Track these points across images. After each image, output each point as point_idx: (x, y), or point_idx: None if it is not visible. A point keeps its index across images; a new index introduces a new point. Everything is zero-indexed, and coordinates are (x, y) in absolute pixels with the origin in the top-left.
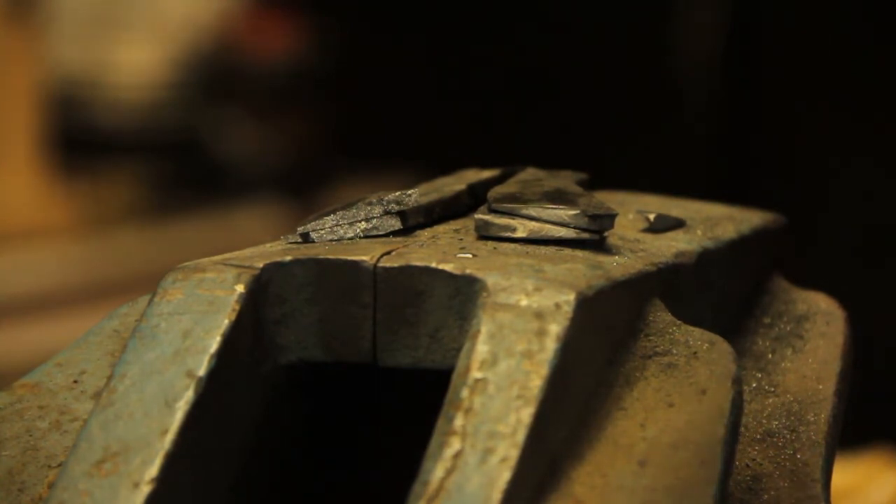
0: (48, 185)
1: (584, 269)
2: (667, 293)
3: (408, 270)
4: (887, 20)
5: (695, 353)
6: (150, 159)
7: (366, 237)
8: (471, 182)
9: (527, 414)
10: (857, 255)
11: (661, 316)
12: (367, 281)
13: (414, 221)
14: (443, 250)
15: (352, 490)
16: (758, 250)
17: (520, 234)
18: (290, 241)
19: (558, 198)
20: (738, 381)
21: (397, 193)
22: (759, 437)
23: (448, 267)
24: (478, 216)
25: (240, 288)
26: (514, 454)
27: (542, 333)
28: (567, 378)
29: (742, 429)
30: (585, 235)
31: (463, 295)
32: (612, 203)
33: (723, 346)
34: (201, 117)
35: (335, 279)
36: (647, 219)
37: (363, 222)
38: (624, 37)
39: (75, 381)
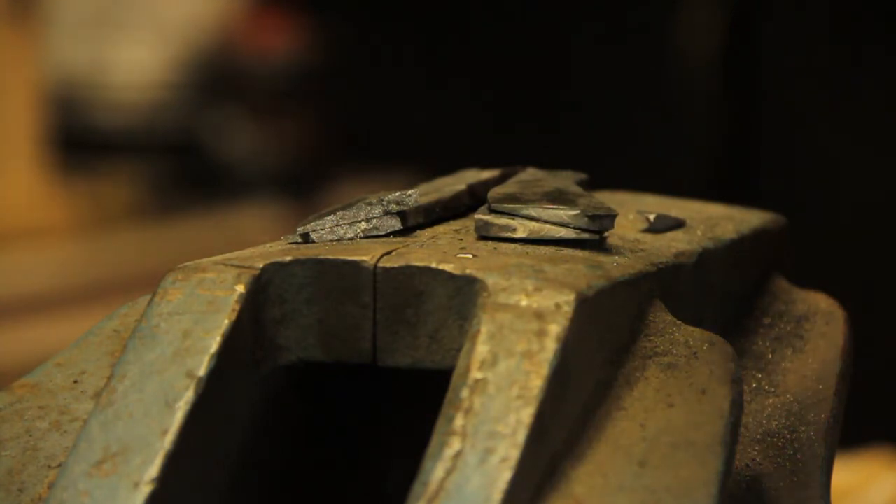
0: (48, 185)
1: (584, 270)
2: (667, 293)
3: (408, 271)
4: (888, 19)
5: (695, 353)
6: (150, 159)
7: (366, 237)
8: (471, 182)
9: (527, 414)
10: (857, 255)
11: (661, 316)
12: (367, 281)
13: (414, 221)
14: (443, 250)
15: (352, 490)
16: (758, 250)
17: (520, 234)
18: (290, 241)
19: (558, 198)
20: (738, 382)
21: (397, 193)
22: (759, 437)
23: (448, 267)
24: (478, 216)
25: (240, 288)
26: (514, 454)
27: (542, 333)
28: (567, 378)
29: (742, 429)
30: (585, 235)
31: (463, 295)
32: (612, 203)
33: (723, 347)
34: (201, 117)
35: (335, 279)
36: (647, 219)
37: (363, 222)
38: (624, 37)
39: (75, 382)
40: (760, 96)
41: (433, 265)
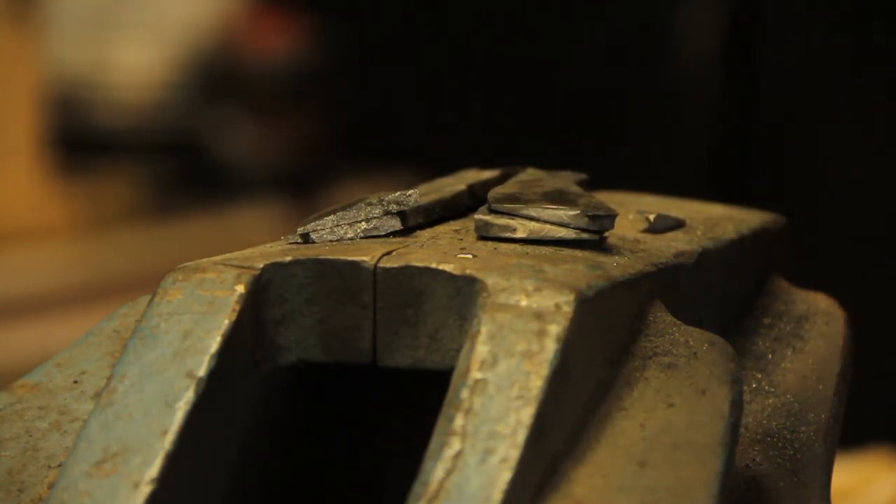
0: (48, 185)
1: (584, 270)
2: (667, 293)
3: (408, 271)
4: (888, 20)
5: (695, 353)
6: (150, 159)
7: (366, 237)
8: (471, 182)
9: (527, 414)
10: (857, 255)
11: (661, 316)
12: (367, 281)
13: (414, 222)
14: (443, 251)
15: (352, 491)
16: (758, 250)
17: (520, 234)
18: (290, 241)
19: (558, 198)
20: (738, 382)
21: (397, 193)
22: (759, 437)
23: (448, 267)
24: (478, 216)
25: (240, 288)
26: (514, 454)
27: (542, 334)
28: (567, 378)
29: (742, 429)
30: (585, 235)
31: (463, 295)
32: (612, 203)
33: (723, 347)
34: (201, 118)
35: (335, 279)
36: (647, 219)
37: (363, 223)
38: (624, 36)
39: (75, 382)
40: (760, 96)
41: (433, 265)
